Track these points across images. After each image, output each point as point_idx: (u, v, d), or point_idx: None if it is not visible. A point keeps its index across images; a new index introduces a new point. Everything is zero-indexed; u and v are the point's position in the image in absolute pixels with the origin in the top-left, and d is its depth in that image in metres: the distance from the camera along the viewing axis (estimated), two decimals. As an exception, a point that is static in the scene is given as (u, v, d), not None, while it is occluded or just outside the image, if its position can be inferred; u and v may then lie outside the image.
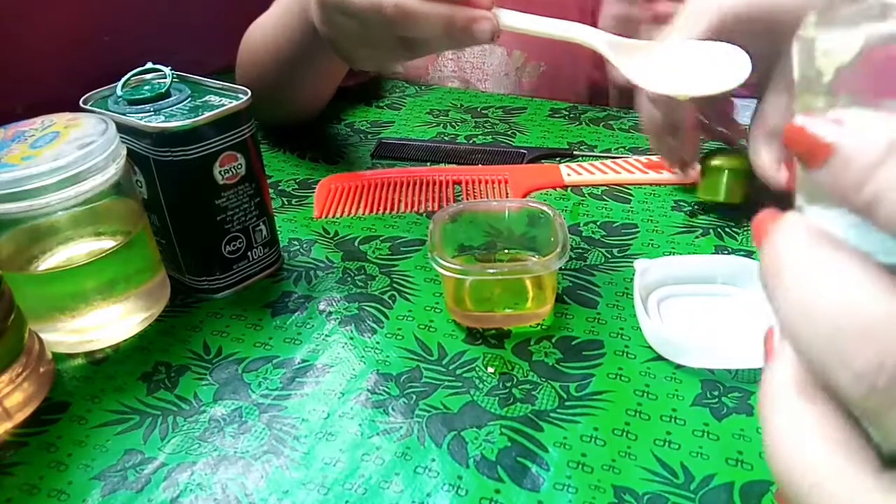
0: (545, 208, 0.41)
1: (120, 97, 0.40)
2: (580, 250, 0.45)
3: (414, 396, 0.34)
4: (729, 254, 0.44)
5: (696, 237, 0.46)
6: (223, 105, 0.38)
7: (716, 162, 0.47)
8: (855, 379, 0.13)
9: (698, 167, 0.53)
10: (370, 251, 0.46)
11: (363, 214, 0.50)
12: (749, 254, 0.44)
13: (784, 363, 0.15)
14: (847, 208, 0.14)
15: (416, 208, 0.51)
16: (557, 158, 0.58)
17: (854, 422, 0.14)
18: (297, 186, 0.54)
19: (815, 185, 0.15)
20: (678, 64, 0.38)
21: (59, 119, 0.37)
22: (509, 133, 0.62)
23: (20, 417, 0.33)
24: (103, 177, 0.34)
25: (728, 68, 0.36)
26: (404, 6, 0.38)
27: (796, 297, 0.14)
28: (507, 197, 0.52)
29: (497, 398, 0.34)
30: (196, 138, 0.37)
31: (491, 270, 0.38)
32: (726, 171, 0.46)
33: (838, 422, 0.14)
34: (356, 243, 0.47)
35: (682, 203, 0.50)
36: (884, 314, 0.13)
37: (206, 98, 0.39)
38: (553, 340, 0.37)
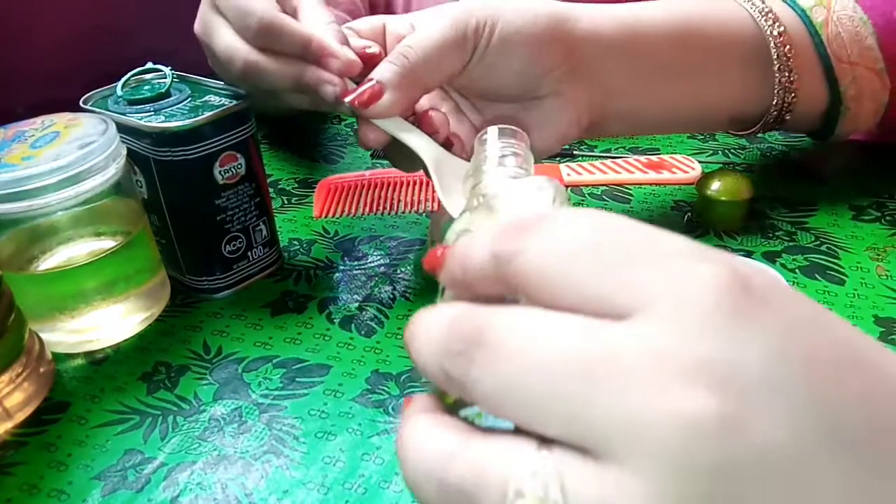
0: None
1: (120, 97, 0.40)
2: (580, 250, 0.45)
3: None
4: (729, 253, 0.44)
5: (696, 237, 0.46)
6: (223, 105, 0.38)
7: (710, 191, 0.45)
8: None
9: (698, 167, 0.53)
10: (370, 251, 0.46)
11: (363, 214, 0.50)
12: (749, 254, 0.44)
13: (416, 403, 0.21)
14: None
15: (416, 208, 0.51)
16: (557, 158, 0.58)
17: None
18: (297, 186, 0.54)
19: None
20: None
21: (59, 119, 0.37)
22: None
23: (20, 417, 0.33)
24: (103, 177, 0.34)
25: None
26: (252, 63, 0.38)
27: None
28: (506, 197, 0.51)
29: (497, 398, 0.34)
30: (196, 138, 0.37)
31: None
32: (720, 203, 0.45)
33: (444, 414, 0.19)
34: (356, 243, 0.47)
35: (682, 203, 0.50)
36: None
37: (206, 98, 0.39)
38: (553, 340, 0.37)
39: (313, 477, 0.30)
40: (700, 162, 0.54)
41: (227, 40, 0.39)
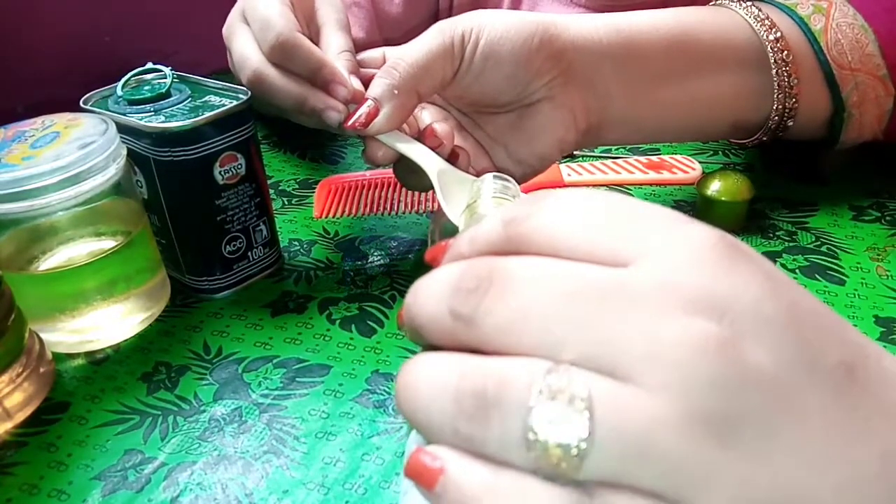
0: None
1: (120, 97, 0.40)
2: (580, 250, 0.45)
3: (414, 396, 0.34)
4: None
5: (696, 237, 0.46)
6: (223, 105, 0.38)
7: (710, 191, 0.45)
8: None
9: (698, 166, 0.53)
10: (370, 251, 0.46)
11: (363, 214, 0.50)
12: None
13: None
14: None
15: (416, 208, 0.51)
16: (557, 158, 0.58)
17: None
18: (297, 186, 0.54)
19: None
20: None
21: (60, 119, 0.37)
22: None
23: (20, 417, 0.33)
24: (103, 177, 0.34)
25: None
26: (262, 75, 0.39)
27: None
28: (507, 197, 0.52)
29: (497, 398, 0.34)
30: (196, 138, 0.37)
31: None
32: (720, 203, 0.45)
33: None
34: (356, 243, 0.47)
35: (682, 203, 0.50)
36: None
37: (207, 98, 0.39)
38: (553, 340, 0.37)
39: (313, 477, 0.30)
40: (700, 162, 0.54)
41: (243, 47, 0.41)
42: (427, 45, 0.38)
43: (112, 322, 0.38)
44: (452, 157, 0.40)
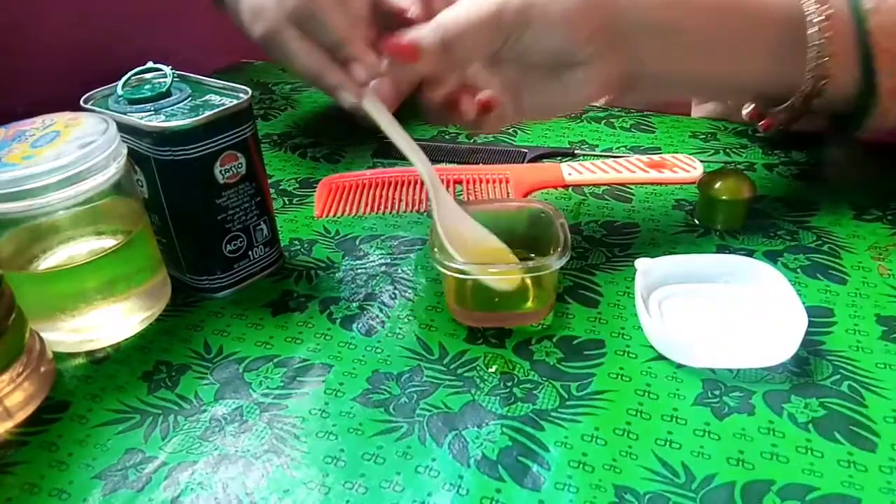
0: (546, 208, 0.40)
1: (120, 97, 0.40)
2: (581, 249, 0.45)
3: (415, 396, 0.34)
4: (730, 253, 0.44)
5: (698, 236, 0.46)
6: (223, 104, 0.38)
7: (712, 190, 0.45)
8: None
9: (699, 167, 0.53)
10: (371, 250, 0.46)
11: (364, 214, 0.50)
12: (750, 252, 0.44)
13: None
14: None
15: (416, 208, 0.51)
16: (559, 158, 0.58)
17: None
18: (297, 186, 0.54)
19: None
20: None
21: (60, 118, 0.37)
22: (510, 132, 0.62)
23: (21, 417, 0.33)
24: (104, 176, 0.34)
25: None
26: (278, 34, 0.37)
27: None
28: (507, 196, 0.52)
29: (498, 398, 0.34)
30: (197, 138, 0.37)
31: (492, 270, 0.38)
32: (721, 202, 0.45)
33: None
34: (357, 243, 0.47)
35: (683, 202, 0.50)
36: None
37: (207, 97, 0.39)
38: (554, 340, 0.37)
39: (314, 476, 0.30)
40: (701, 161, 0.54)
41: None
42: (476, 20, 0.36)
43: (112, 321, 0.38)
44: (486, 108, 0.39)
